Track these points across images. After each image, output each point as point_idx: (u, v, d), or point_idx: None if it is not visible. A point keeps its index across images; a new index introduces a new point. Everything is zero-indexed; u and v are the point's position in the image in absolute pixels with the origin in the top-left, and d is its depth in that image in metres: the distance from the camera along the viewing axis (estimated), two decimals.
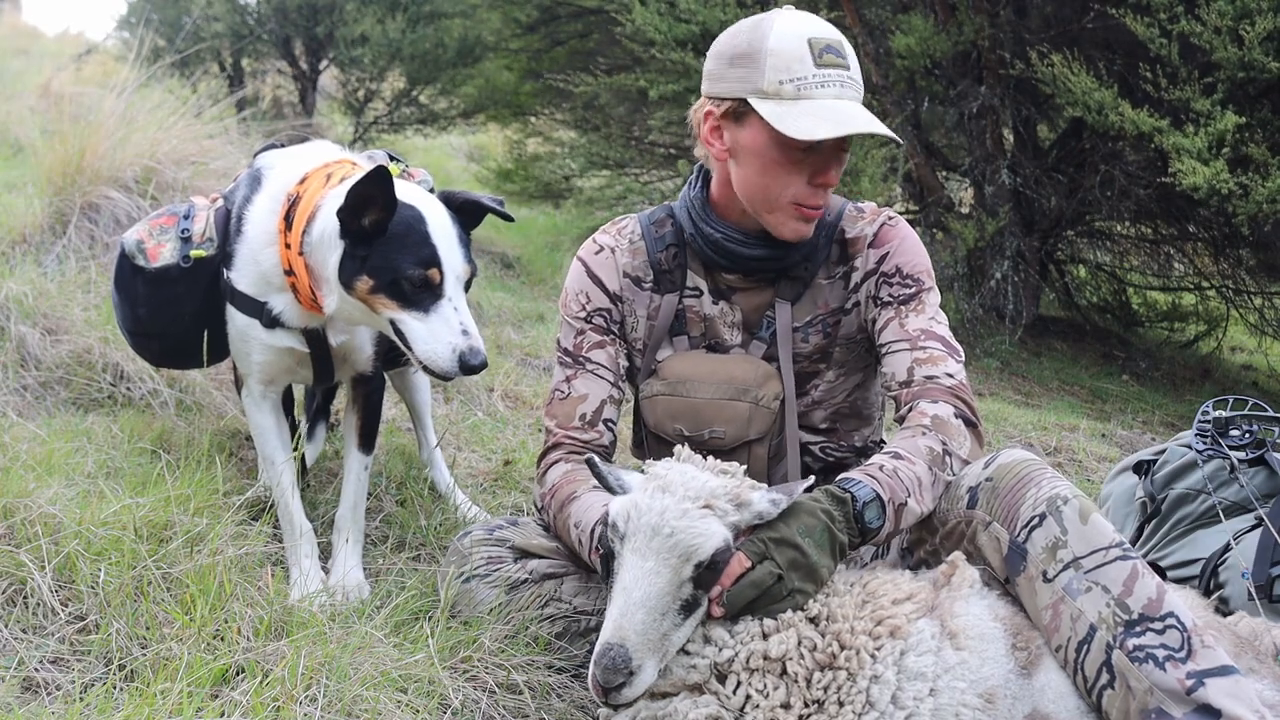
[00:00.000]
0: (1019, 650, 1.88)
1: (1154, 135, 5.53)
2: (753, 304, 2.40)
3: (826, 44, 2.17)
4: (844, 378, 2.44)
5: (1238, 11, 5.25)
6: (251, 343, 2.59)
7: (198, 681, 1.90)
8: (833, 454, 2.47)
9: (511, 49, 9.24)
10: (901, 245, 2.36)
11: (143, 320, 2.67)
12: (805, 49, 2.15)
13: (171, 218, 2.63)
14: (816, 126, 2.11)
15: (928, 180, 7.25)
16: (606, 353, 2.42)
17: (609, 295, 2.44)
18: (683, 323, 2.43)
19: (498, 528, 2.40)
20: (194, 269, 2.57)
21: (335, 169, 2.50)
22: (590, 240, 2.50)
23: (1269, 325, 7.50)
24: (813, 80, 2.15)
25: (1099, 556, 1.88)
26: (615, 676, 1.77)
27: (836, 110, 2.14)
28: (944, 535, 2.09)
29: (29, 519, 2.24)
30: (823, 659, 1.84)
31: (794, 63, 2.14)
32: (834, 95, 2.16)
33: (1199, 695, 1.76)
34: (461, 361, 2.25)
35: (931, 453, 2.10)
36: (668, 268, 2.43)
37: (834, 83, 2.16)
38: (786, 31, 2.16)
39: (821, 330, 2.40)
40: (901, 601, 1.91)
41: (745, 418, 2.31)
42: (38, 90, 8.16)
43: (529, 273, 7.50)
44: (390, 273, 2.27)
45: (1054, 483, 1.96)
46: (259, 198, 2.54)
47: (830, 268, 2.40)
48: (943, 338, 2.30)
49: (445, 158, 11.85)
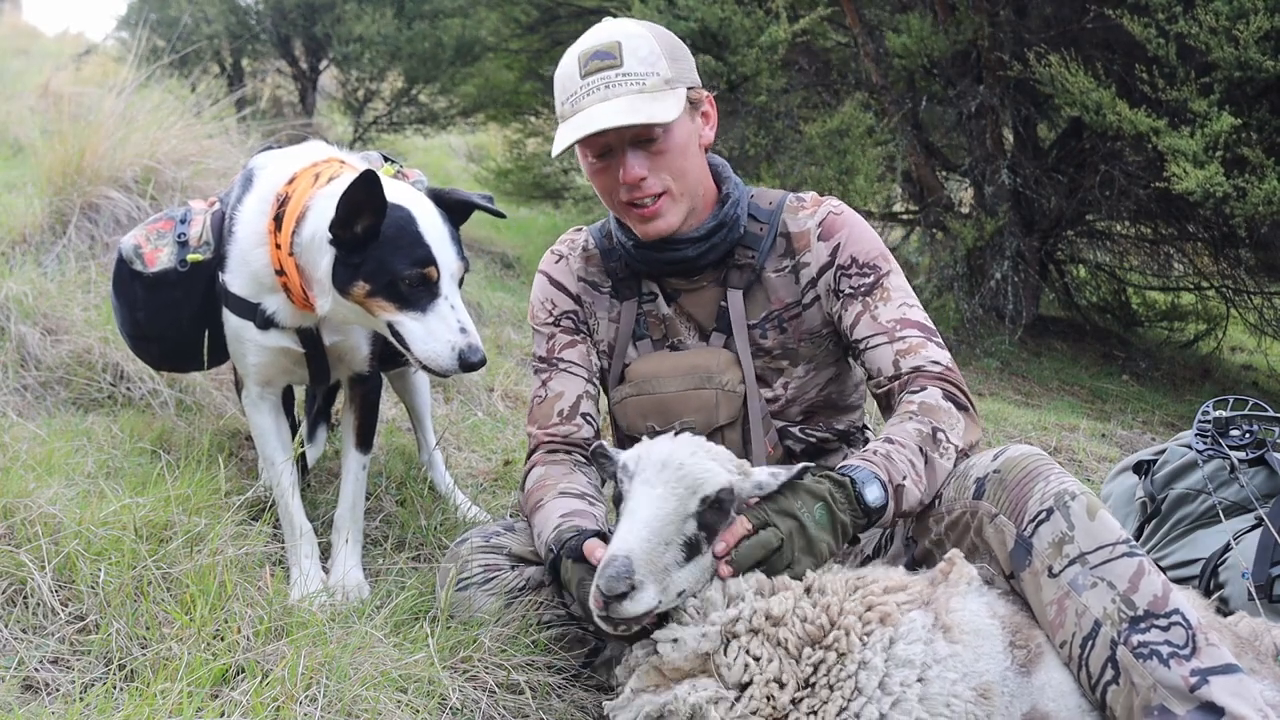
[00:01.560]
0: (1018, 648, 1.88)
1: (1151, 136, 5.54)
2: (700, 302, 2.46)
3: (595, 50, 2.26)
4: (814, 373, 2.47)
5: (1234, 11, 5.26)
6: (246, 344, 2.59)
7: (198, 681, 1.90)
8: (813, 435, 2.49)
9: (511, 49, 9.24)
10: (851, 234, 2.39)
11: (142, 324, 2.68)
12: (574, 65, 2.27)
13: (168, 222, 2.64)
14: (563, 139, 2.24)
15: (927, 180, 7.25)
16: (578, 350, 2.50)
17: (572, 298, 2.54)
18: (644, 326, 2.49)
19: (494, 534, 2.39)
20: (191, 273, 2.58)
21: (324, 168, 2.50)
22: (548, 253, 2.61)
23: (1269, 325, 7.50)
24: (580, 92, 2.26)
25: (1105, 552, 1.88)
26: (618, 584, 1.77)
27: (590, 117, 2.22)
28: (949, 524, 2.09)
29: (29, 519, 2.24)
30: (813, 631, 1.86)
31: (567, 81, 2.28)
32: (599, 99, 2.24)
33: (1203, 693, 1.75)
34: (461, 359, 2.25)
35: (921, 434, 2.13)
36: (623, 276, 2.51)
37: (598, 87, 2.24)
38: (571, 53, 2.30)
39: (778, 326, 2.43)
40: (894, 591, 1.92)
41: (712, 404, 2.36)
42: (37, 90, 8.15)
43: (529, 272, 7.49)
44: (386, 275, 2.27)
45: (1062, 478, 1.97)
46: (249, 199, 2.55)
47: (778, 260, 2.44)
48: (919, 323, 2.33)
49: (445, 157, 11.85)
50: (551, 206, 9.55)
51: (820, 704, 1.81)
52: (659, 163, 2.28)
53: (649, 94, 2.23)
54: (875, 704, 1.79)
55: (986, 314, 6.99)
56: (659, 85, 2.25)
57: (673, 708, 1.83)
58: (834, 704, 1.80)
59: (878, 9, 7.14)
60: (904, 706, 1.79)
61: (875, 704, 1.79)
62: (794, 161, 6.54)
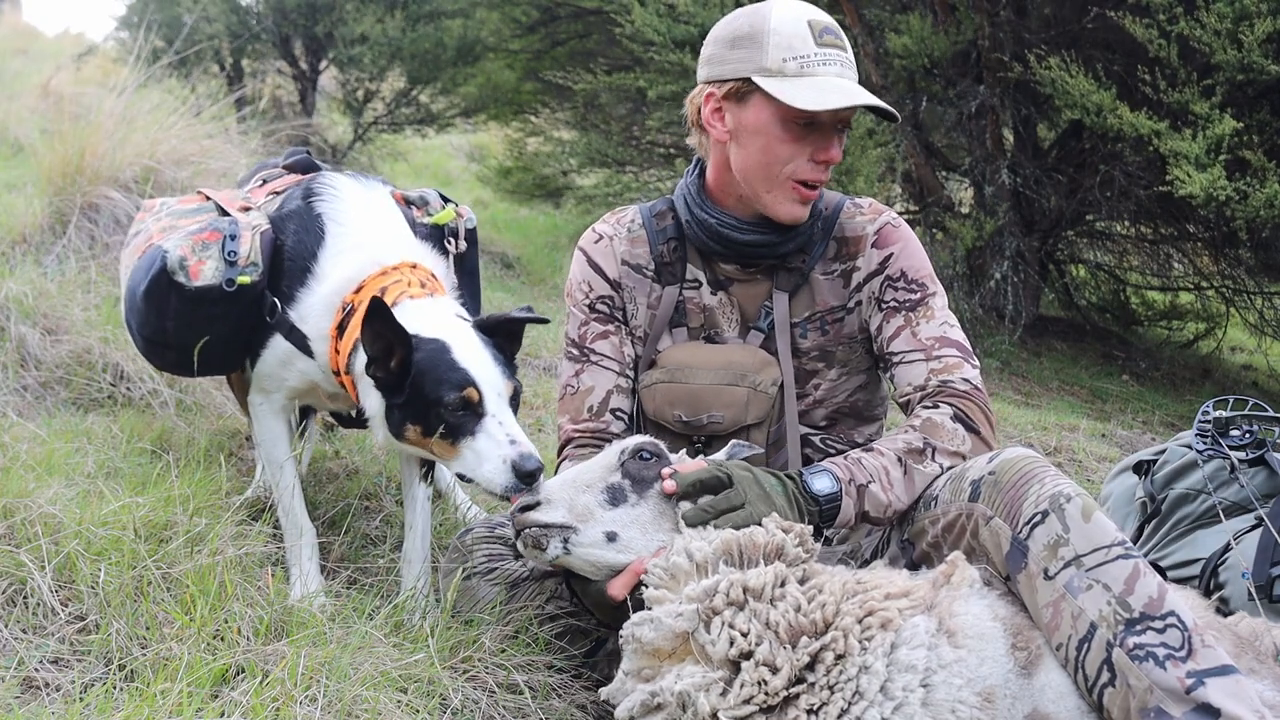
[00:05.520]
0: (1019, 650, 1.88)
1: (1152, 138, 5.53)
2: (750, 295, 2.44)
3: (825, 26, 2.28)
4: (846, 377, 2.46)
5: (1237, 14, 5.26)
6: (292, 370, 2.55)
7: (198, 681, 1.90)
8: (834, 446, 2.48)
9: (511, 49, 9.25)
10: (906, 248, 2.40)
11: (169, 333, 2.56)
12: (806, 29, 2.25)
13: (215, 234, 2.52)
14: (823, 98, 2.20)
15: (927, 180, 7.25)
16: (610, 343, 2.47)
17: (609, 282, 2.49)
18: (682, 314, 2.47)
19: (498, 525, 2.40)
20: (236, 293, 2.48)
21: (392, 284, 2.42)
22: (590, 230, 2.55)
23: (1269, 325, 7.50)
24: (815, 58, 2.24)
25: (1100, 555, 1.88)
26: (528, 498, 2.04)
27: (840, 86, 2.23)
28: (945, 526, 2.10)
29: (29, 519, 2.24)
30: (806, 624, 1.85)
31: (796, 41, 2.24)
32: (835, 73, 2.25)
33: (1199, 694, 1.75)
34: (515, 469, 2.13)
35: (908, 446, 2.16)
36: (669, 260, 2.47)
37: (835, 62, 2.26)
38: (787, 15, 2.27)
39: (820, 328, 2.43)
40: (896, 596, 1.92)
41: (743, 402, 2.34)
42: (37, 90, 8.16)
43: (529, 272, 7.51)
44: (428, 407, 2.21)
45: (1057, 481, 1.96)
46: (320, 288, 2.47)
47: (827, 264, 2.43)
48: (958, 343, 2.34)
49: (445, 157, 11.85)
50: (552, 206, 9.56)
51: (820, 704, 1.81)
52: (839, 153, 2.32)
53: None
54: (877, 708, 1.79)
55: (986, 314, 6.99)
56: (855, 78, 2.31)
57: (662, 700, 1.82)
58: (835, 705, 1.80)
59: (878, 9, 7.13)
60: (906, 711, 1.78)
61: (877, 708, 1.79)
62: None
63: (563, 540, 1.98)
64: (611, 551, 1.99)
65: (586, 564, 2.01)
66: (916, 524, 2.17)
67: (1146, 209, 7.18)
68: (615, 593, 1.99)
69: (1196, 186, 5.20)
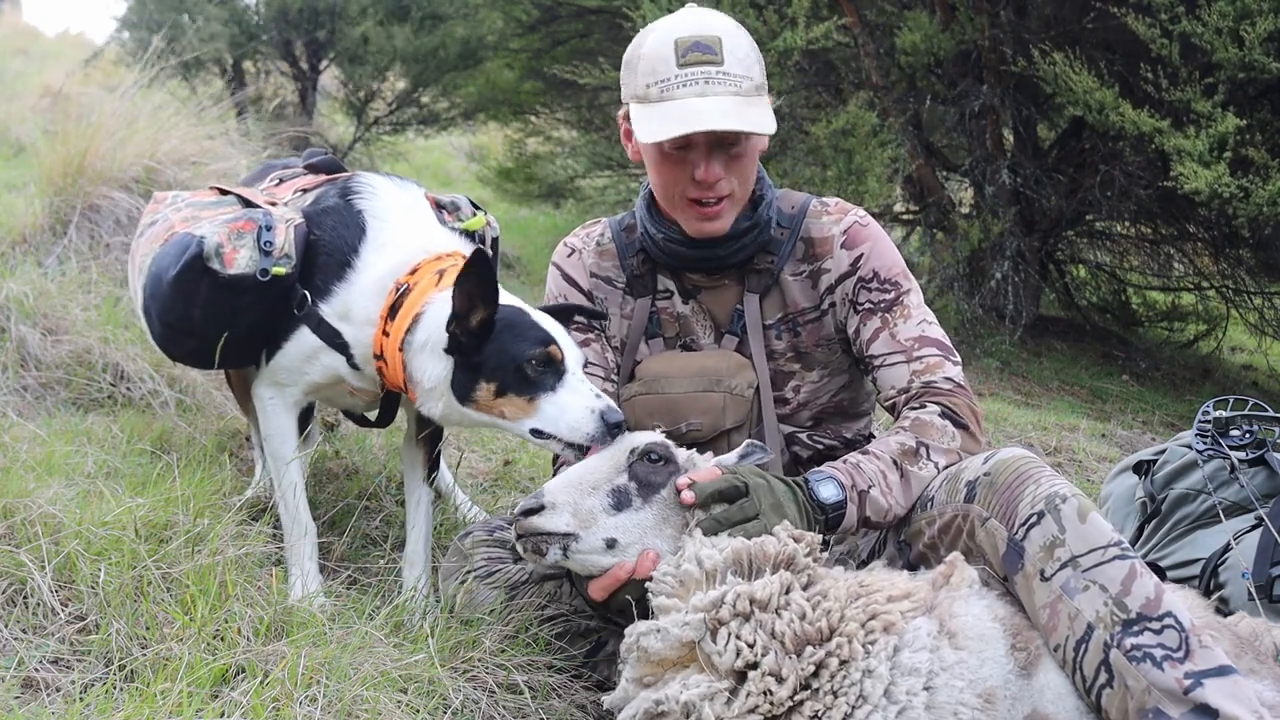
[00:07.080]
0: (1018, 651, 1.88)
1: (1154, 136, 5.54)
2: (720, 301, 2.45)
3: (694, 41, 2.21)
4: (828, 379, 2.47)
5: (1238, 12, 5.26)
6: (316, 364, 2.54)
7: (198, 681, 1.91)
8: (821, 442, 2.49)
9: (512, 48, 9.24)
10: (875, 247, 2.39)
11: (195, 321, 2.51)
12: (671, 50, 2.21)
13: (250, 223, 2.49)
14: (662, 129, 2.18)
15: (928, 180, 7.25)
16: (593, 350, 2.48)
17: (583, 294, 2.52)
18: (657, 325, 2.48)
19: (498, 528, 2.41)
20: (269, 283, 2.46)
21: (449, 266, 2.43)
22: (561, 244, 2.60)
23: (1269, 325, 7.49)
24: (675, 80, 2.21)
25: (1097, 555, 1.88)
26: (530, 502, 2.00)
27: (687, 110, 2.18)
28: (941, 527, 2.10)
29: (29, 519, 2.24)
30: (811, 632, 1.85)
31: (660, 65, 2.22)
32: (696, 93, 2.20)
33: (1196, 695, 1.76)
34: (604, 419, 2.16)
35: (902, 448, 2.16)
36: (639, 272, 2.49)
37: (697, 80, 2.20)
38: (660, 34, 2.24)
39: (791, 329, 2.44)
40: (898, 599, 1.91)
41: (720, 407, 2.35)
42: (39, 91, 8.17)
43: (529, 272, 7.51)
44: (512, 362, 2.23)
45: (1052, 481, 1.96)
46: (363, 277, 2.47)
47: (796, 264, 2.43)
48: (937, 340, 2.34)
49: (445, 157, 11.85)
50: (552, 207, 9.56)
51: (824, 709, 1.81)
52: (734, 167, 2.28)
53: (744, 98, 2.22)
54: (881, 712, 1.79)
55: (987, 314, 6.98)
56: (752, 90, 2.24)
57: (666, 708, 1.82)
58: (838, 710, 1.80)
59: (878, 9, 7.12)
60: (910, 714, 1.78)
61: (881, 712, 1.79)
62: (796, 162, 6.53)
63: (562, 548, 1.99)
64: (608, 557, 2.00)
65: (582, 568, 2.03)
66: (913, 525, 2.17)
67: (1147, 209, 7.17)
68: (594, 595, 2.01)
69: (1201, 182, 5.20)
